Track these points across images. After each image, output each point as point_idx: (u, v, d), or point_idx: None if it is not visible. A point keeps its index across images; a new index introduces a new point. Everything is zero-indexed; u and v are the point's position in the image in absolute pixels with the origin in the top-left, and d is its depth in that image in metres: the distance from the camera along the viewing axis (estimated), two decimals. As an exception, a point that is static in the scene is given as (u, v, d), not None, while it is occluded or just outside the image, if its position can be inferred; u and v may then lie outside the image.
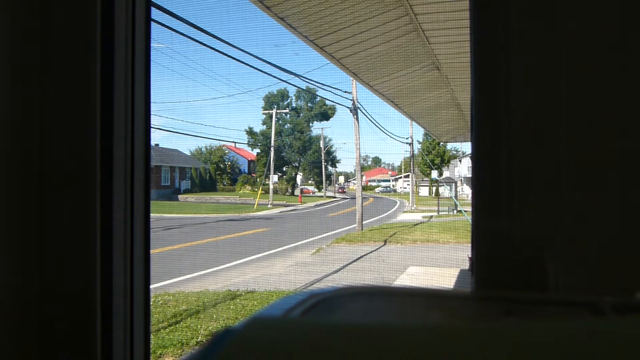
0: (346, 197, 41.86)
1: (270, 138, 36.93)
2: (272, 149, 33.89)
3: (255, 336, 0.32)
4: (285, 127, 48.13)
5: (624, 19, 0.69)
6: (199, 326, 6.21)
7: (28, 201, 0.92)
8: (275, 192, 36.76)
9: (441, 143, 37.10)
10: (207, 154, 47.10)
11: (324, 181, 46.70)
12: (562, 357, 0.27)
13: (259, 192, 32.53)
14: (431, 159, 38.77)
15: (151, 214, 1.03)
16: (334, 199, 41.23)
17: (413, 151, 31.29)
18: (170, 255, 11.43)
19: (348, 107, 19.41)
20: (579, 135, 0.70)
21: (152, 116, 1.03)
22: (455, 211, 24.92)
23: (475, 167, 0.76)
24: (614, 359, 0.27)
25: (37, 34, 0.93)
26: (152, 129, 1.07)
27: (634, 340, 0.29)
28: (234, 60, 20.91)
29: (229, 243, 14.25)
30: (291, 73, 35.45)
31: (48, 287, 0.92)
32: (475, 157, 0.76)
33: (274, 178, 37.31)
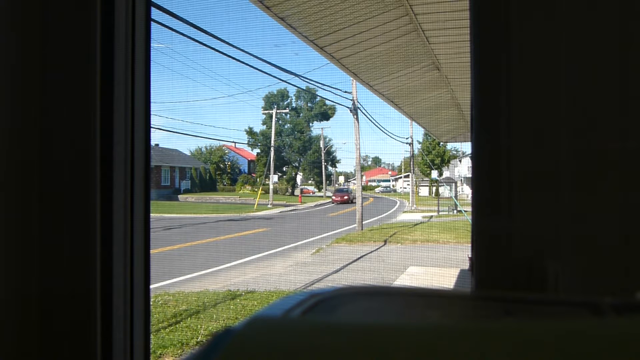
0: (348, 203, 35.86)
1: (270, 138, 36.93)
2: (272, 149, 33.89)
3: (255, 336, 0.32)
4: (285, 127, 48.15)
5: (625, 19, 0.69)
6: (199, 326, 6.21)
7: (28, 201, 0.92)
8: (275, 192, 36.75)
9: (441, 143, 37.09)
10: (207, 154, 47.12)
11: (324, 181, 46.69)
12: (562, 357, 0.27)
13: (259, 192, 32.53)
14: (431, 159, 38.77)
15: (151, 214, 1.03)
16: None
17: (413, 151, 31.29)
18: (170, 255, 11.42)
19: (348, 107, 19.42)
20: (579, 135, 0.70)
21: (152, 116, 1.03)
22: (455, 211, 24.92)
23: (475, 167, 0.76)
24: (614, 359, 0.27)
25: (37, 34, 0.93)
26: (152, 129, 1.07)
27: (634, 340, 0.29)
28: (234, 60, 20.95)
29: (229, 243, 14.25)
30: (291, 73, 35.51)
31: (48, 287, 0.92)
32: (475, 157, 0.76)
33: (274, 178, 37.29)
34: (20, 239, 0.90)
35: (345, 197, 35.65)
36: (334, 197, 36.68)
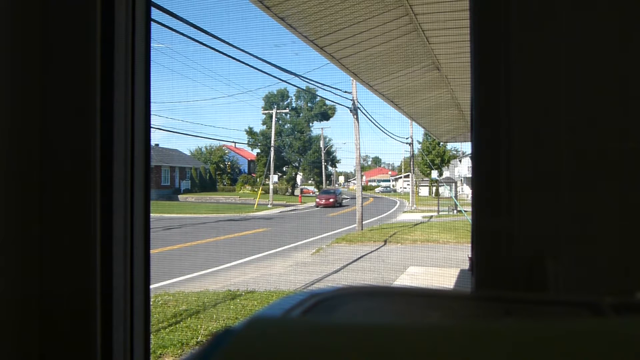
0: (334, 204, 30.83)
1: (270, 138, 36.93)
2: (272, 149, 33.89)
3: (255, 336, 0.32)
4: (285, 127, 48.14)
5: (624, 19, 0.69)
6: (199, 326, 6.21)
7: (28, 201, 0.92)
8: (275, 192, 36.72)
9: (441, 143, 37.10)
10: (207, 154, 47.13)
11: (324, 181, 46.71)
12: (562, 357, 0.27)
13: (259, 192, 32.52)
14: (431, 159, 38.76)
15: (151, 214, 1.03)
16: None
17: (413, 151, 31.28)
18: (170, 255, 11.42)
19: (348, 107, 19.41)
20: (579, 135, 0.70)
21: (152, 116, 1.03)
22: (455, 211, 24.91)
23: (475, 167, 0.76)
24: (614, 359, 0.27)
25: (37, 34, 0.93)
26: (152, 129, 1.07)
27: (634, 340, 0.29)
28: (234, 60, 20.98)
29: (229, 243, 14.25)
30: (291, 73, 35.47)
31: (48, 287, 0.92)
32: (475, 157, 0.76)
33: (274, 178, 37.28)
34: (20, 239, 0.90)
35: (331, 200, 31.26)
36: (317, 200, 32.16)
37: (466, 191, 39.54)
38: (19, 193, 0.91)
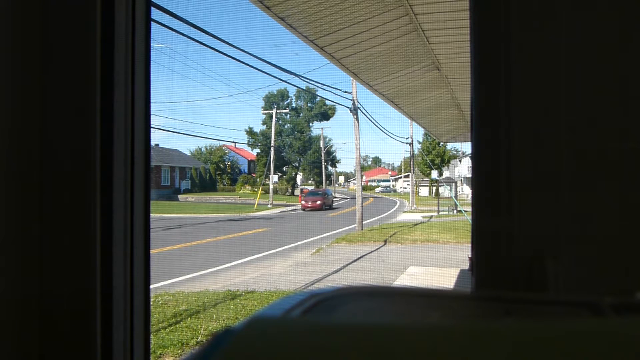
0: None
1: (270, 138, 36.92)
2: (272, 149, 33.88)
3: (255, 336, 0.32)
4: (285, 127, 48.14)
5: (624, 19, 0.69)
6: (199, 326, 6.21)
7: (28, 201, 0.92)
8: (275, 192, 36.71)
9: (441, 143, 37.10)
10: (207, 154, 47.12)
11: (324, 181, 46.71)
12: (562, 357, 0.27)
13: (259, 192, 32.52)
14: (431, 159, 38.76)
15: (151, 214, 1.03)
16: (334, 199, 37.62)
17: (413, 151, 31.28)
18: (170, 255, 11.42)
19: (348, 107, 19.41)
20: (579, 135, 0.70)
21: (152, 116, 1.03)
22: (455, 211, 24.91)
23: (475, 167, 0.76)
24: (614, 359, 0.27)
25: (37, 34, 0.93)
26: (152, 129, 1.07)
27: (634, 340, 0.29)
28: (234, 60, 21.00)
29: (229, 243, 14.25)
30: (291, 73, 35.47)
31: (48, 287, 0.92)
32: (475, 157, 0.76)
33: (274, 178, 37.27)
34: (20, 239, 0.90)
35: (319, 202, 27.90)
36: (303, 203, 28.49)
37: (466, 191, 39.53)
38: (19, 193, 0.91)
